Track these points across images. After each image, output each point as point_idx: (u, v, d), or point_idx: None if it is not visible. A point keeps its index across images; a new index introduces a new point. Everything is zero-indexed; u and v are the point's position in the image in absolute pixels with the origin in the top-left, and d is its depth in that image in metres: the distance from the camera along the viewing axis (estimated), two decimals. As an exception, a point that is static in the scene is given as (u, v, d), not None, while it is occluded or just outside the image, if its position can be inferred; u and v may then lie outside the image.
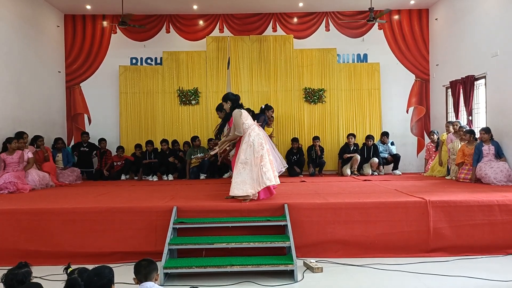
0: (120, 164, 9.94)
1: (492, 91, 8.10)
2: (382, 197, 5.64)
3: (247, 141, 5.54)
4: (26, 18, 9.13)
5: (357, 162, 9.73)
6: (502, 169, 7.11)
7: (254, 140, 5.52)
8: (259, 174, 5.42)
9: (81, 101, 10.88)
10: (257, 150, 5.48)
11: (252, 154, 5.48)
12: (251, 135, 5.57)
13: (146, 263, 3.06)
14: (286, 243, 4.70)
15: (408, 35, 10.93)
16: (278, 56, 10.57)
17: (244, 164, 5.47)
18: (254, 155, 5.47)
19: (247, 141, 5.54)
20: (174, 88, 10.59)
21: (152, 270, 3.03)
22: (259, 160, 5.46)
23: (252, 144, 5.50)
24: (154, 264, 3.09)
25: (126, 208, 5.29)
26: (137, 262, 3.11)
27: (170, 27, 10.93)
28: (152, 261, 3.10)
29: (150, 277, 3.01)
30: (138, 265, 3.06)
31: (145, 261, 3.08)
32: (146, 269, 3.01)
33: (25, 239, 5.11)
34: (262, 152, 5.49)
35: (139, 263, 3.08)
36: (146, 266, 3.03)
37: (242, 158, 5.49)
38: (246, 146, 5.52)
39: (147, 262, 3.07)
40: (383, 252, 5.09)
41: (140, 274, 3.01)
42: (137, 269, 3.04)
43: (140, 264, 3.06)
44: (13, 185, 7.16)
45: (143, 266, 3.03)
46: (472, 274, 4.35)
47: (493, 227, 5.19)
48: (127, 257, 5.03)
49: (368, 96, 10.67)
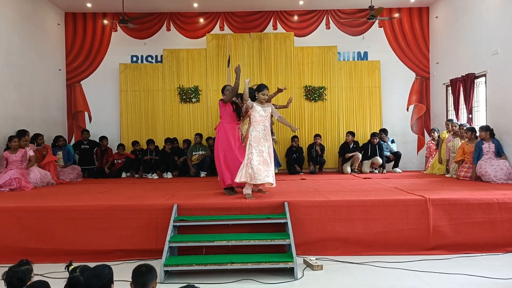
0: (120, 162, 9.95)
1: (492, 89, 8.10)
2: (382, 195, 5.65)
3: (249, 134, 5.72)
4: (27, 16, 9.13)
5: (358, 160, 9.74)
6: (502, 167, 7.11)
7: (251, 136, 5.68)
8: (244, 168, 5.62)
9: (81, 99, 10.89)
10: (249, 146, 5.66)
11: (248, 146, 5.69)
12: (252, 132, 5.68)
13: (146, 269, 2.78)
14: (286, 240, 4.71)
15: (408, 33, 10.92)
16: (279, 54, 10.57)
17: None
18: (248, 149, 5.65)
19: (249, 134, 5.72)
20: (174, 86, 10.59)
21: (151, 279, 2.76)
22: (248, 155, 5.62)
23: (249, 137, 5.69)
24: (154, 272, 2.81)
25: (126, 206, 5.30)
26: (136, 267, 2.82)
27: (171, 25, 10.93)
28: (152, 269, 2.81)
29: (148, 285, 2.74)
30: (137, 271, 2.79)
31: (145, 267, 2.81)
32: (145, 277, 2.75)
33: (26, 237, 5.12)
34: (251, 150, 5.60)
35: (138, 269, 2.80)
36: (145, 274, 2.76)
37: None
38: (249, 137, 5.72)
39: (146, 268, 2.79)
40: (383, 250, 5.10)
41: (138, 281, 2.75)
42: (136, 274, 2.77)
43: (140, 271, 2.78)
44: (17, 182, 7.19)
45: (143, 273, 2.76)
46: (471, 272, 4.37)
47: (492, 225, 5.21)
48: (127, 255, 5.05)
49: (368, 94, 10.67)
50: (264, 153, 5.59)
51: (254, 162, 5.53)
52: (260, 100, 5.75)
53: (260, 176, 5.51)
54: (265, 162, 5.59)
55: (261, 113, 5.71)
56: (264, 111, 5.73)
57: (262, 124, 5.70)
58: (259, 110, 5.70)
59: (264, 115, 5.72)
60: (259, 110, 5.70)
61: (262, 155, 5.58)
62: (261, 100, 5.74)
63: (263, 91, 5.69)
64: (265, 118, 5.72)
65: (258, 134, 5.65)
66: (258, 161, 5.55)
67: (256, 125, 5.69)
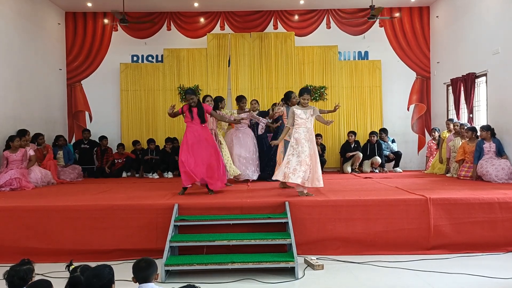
0: (121, 161, 9.95)
1: (493, 89, 8.09)
2: (383, 195, 5.66)
3: (292, 136, 5.98)
4: (27, 15, 9.13)
5: (359, 160, 9.73)
6: (503, 167, 7.11)
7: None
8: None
9: (82, 99, 10.89)
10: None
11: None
12: (294, 134, 5.93)
13: (145, 265, 2.86)
14: (287, 240, 4.71)
15: (409, 32, 10.91)
16: (279, 54, 10.56)
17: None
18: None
19: (292, 136, 5.98)
20: (175, 85, 10.59)
21: (151, 272, 2.85)
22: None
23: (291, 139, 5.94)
24: (154, 265, 2.89)
25: (127, 205, 5.31)
26: (135, 262, 2.90)
27: (171, 25, 10.93)
28: (151, 262, 2.89)
29: (150, 279, 2.84)
30: (137, 266, 2.87)
31: (144, 262, 2.88)
32: (146, 272, 2.83)
33: (27, 237, 5.13)
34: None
35: (138, 264, 2.87)
36: (145, 269, 2.84)
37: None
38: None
39: (146, 263, 2.87)
40: (384, 250, 5.11)
41: (139, 276, 2.84)
42: (136, 270, 2.85)
43: (139, 266, 2.86)
44: (17, 182, 7.19)
45: (143, 269, 2.84)
46: (472, 272, 4.37)
47: (493, 224, 5.21)
48: (128, 255, 5.05)
49: (369, 94, 10.66)
50: (302, 154, 5.74)
51: (292, 163, 5.72)
52: (302, 104, 6.01)
53: (294, 176, 5.65)
54: (303, 163, 5.71)
55: (302, 116, 5.91)
56: (304, 114, 5.92)
57: (304, 127, 5.88)
58: (299, 113, 5.92)
59: (304, 118, 5.91)
60: (299, 113, 5.92)
61: (301, 156, 5.74)
62: (303, 104, 5.98)
63: (304, 96, 5.95)
64: (306, 121, 5.91)
65: (299, 136, 5.82)
66: (296, 162, 5.72)
67: (298, 127, 5.89)
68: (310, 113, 5.96)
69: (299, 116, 5.90)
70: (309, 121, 5.92)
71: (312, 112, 5.97)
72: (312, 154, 5.81)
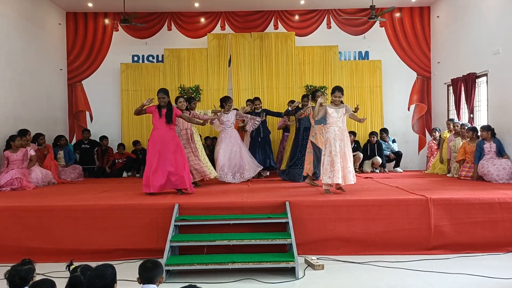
0: (121, 161, 9.96)
1: (493, 89, 8.09)
2: (383, 195, 5.66)
3: (324, 135, 6.19)
4: (28, 15, 9.13)
5: (359, 160, 9.72)
6: (505, 167, 7.10)
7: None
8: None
9: (82, 99, 10.89)
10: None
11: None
12: (326, 134, 6.08)
13: (152, 265, 2.84)
14: (287, 240, 4.72)
15: (409, 32, 10.91)
16: (280, 54, 10.56)
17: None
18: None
19: (324, 135, 6.19)
20: (175, 85, 10.58)
21: (157, 274, 2.83)
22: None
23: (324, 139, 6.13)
24: (160, 267, 2.87)
25: (128, 205, 5.31)
26: (142, 262, 2.88)
27: (172, 25, 10.93)
28: (158, 264, 2.87)
29: (155, 281, 2.81)
30: (143, 266, 2.84)
31: (151, 263, 2.86)
32: (152, 273, 2.81)
33: (28, 236, 5.13)
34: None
35: (144, 264, 2.85)
36: (151, 269, 2.82)
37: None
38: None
39: (152, 264, 2.85)
40: (384, 250, 5.11)
41: (144, 276, 2.82)
42: (142, 270, 2.83)
43: (146, 267, 2.83)
44: (18, 181, 7.20)
45: (149, 269, 2.82)
46: (473, 272, 4.37)
47: (494, 224, 5.21)
48: (129, 254, 5.06)
49: (369, 94, 10.66)
50: (332, 153, 5.83)
51: (324, 163, 5.89)
52: (334, 103, 6.00)
53: (325, 176, 5.85)
54: (332, 163, 5.81)
55: (334, 115, 5.95)
56: (337, 113, 5.96)
57: (336, 126, 5.93)
58: (331, 112, 5.96)
59: (336, 116, 5.94)
60: (331, 112, 5.96)
61: (331, 155, 5.84)
62: (335, 102, 5.98)
63: (335, 93, 5.99)
64: (337, 119, 5.93)
65: (330, 136, 5.89)
66: (327, 162, 5.85)
67: (329, 126, 5.96)
68: (343, 112, 5.99)
69: (331, 115, 5.93)
70: (341, 119, 5.95)
71: (345, 111, 5.99)
72: (342, 153, 5.87)
